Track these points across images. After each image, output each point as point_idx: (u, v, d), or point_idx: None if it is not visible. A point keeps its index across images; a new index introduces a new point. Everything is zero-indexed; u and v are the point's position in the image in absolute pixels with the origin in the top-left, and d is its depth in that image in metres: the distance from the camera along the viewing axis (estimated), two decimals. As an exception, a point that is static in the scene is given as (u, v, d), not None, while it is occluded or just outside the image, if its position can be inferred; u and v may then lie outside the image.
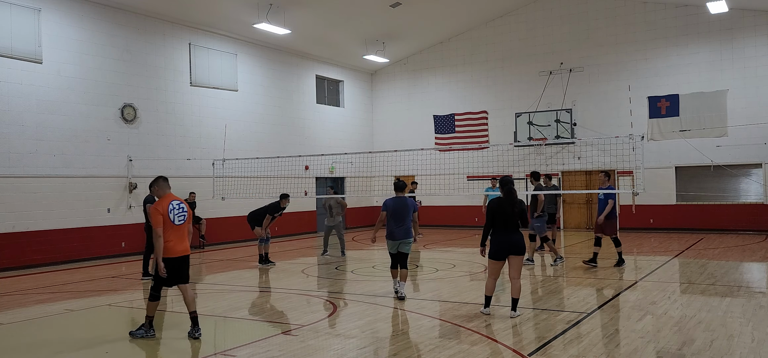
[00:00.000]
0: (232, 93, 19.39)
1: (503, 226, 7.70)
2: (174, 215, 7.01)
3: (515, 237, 7.70)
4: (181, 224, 7.07)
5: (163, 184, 7.28)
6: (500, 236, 7.71)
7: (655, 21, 20.05)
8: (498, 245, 7.72)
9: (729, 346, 6.19)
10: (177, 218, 7.03)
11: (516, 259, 7.70)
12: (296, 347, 6.57)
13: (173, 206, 7.06)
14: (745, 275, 11.32)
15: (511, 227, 7.70)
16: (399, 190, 9.26)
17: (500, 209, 7.73)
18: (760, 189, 18.65)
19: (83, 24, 15.36)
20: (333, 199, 14.90)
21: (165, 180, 7.34)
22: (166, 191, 7.24)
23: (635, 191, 16.53)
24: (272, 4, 17.51)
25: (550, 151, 21.38)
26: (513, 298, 7.73)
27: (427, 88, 24.42)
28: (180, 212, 7.08)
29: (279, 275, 12.28)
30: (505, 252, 7.70)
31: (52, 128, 14.60)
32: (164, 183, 7.29)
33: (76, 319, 8.74)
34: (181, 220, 7.07)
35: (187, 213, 7.17)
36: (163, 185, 7.27)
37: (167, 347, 7.02)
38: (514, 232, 7.72)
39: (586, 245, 16.34)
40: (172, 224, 6.98)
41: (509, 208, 7.70)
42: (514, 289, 7.74)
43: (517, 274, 7.73)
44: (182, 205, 7.17)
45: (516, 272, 7.73)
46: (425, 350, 6.34)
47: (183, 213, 7.11)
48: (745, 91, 18.70)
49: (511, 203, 7.73)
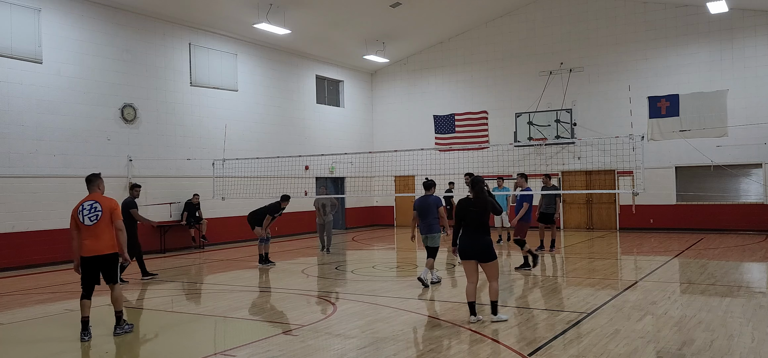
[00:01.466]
0: (232, 93, 19.39)
1: (470, 227, 7.43)
2: (83, 215, 7.02)
3: (483, 240, 7.38)
4: (92, 224, 6.98)
5: (87, 185, 7.34)
6: (466, 237, 7.45)
7: (655, 21, 20.05)
8: (464, 246, 7.45)
9: (729, 346, 6.19)
10: (87, 218, 7.01)
11: (488, 265, 7.38)
12: (296, 347, 6.57)
13: (84, 206, 7.09)
14: (745, 275, 11.32)
15: (477, 229, 7.41)
16: (426, 189, 10.23)
17: (467, 209, 7.49)
18: (760, 189, 18.65)
19: (83, 24, 15.37)
20: (327, 198, 15.88)
21: (89, 180, 7.34)
22: (88, 191, 7.27)
23: (635, 191, 16.56)
24: (272, 4, 17.51)
25: (550, 151, 21.38)
26: (491, 301, 7.43)
27: (427, 88, 24.42)
28: (91, 212, 7.02)
29: (279, 275, 12.28)
30: (471, 254, 7.40)
31: (52, 128, 14.61)
32: (87, 183, 7.34)
33: (76, 319, 8.73)
34: (92, 220, 6.98)
35: (102, 213, 7.02)
36: (87, 185, 7.34)
37: (167, 347, 7.02)
38: (482, 234, 7.41)
39: (586, 245, 16.36)
40: (82, 225, 7.01)
41: (478, 208, 7.45)
42: (491, 291, 7.43)
43: (492, 276, 7.41)
44: (95, 204, 7.07)
45: (491, 275, 7.42)
46: (425, 350, 6.34)
47: (94, 213, 7.01)
48: (745, 91, 18.70)
49: (481, 203, 7.46)
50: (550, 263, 13.16)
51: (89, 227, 7.00)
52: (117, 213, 7.14)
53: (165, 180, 17.20)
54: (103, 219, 7.03)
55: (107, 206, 7.10)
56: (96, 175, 7.41)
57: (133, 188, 12.39)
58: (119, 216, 7.18)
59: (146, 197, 16.64)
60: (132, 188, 12.44)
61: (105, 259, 7.09)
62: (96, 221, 6.99)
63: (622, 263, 13.20)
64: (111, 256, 7.11)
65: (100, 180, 7.38)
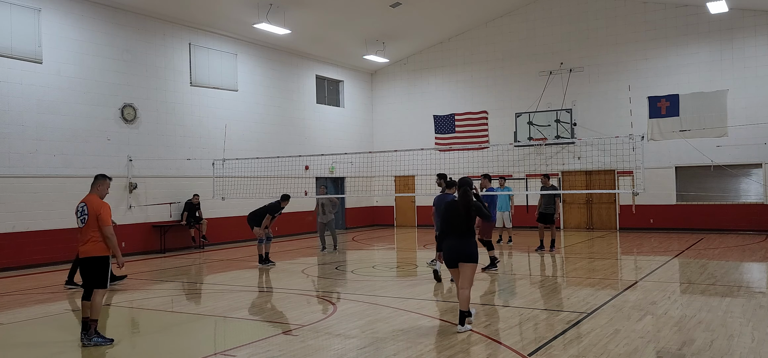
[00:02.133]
0: (232, 93, 19.39)
1: (454, 230, 7.16)
2: (77, 216, 7.05)
3: (467, 243, 7.11)
4: (81, 226, 6.98)
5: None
6: (450, 241, 7.18)
7: (655, 21, 20.05)
8: (448, 251, 7.17)
9: (729, 346, 6.19)
10: (79, 220, 7.02)
11: (466, 267, 7.08)
12: (296, 347, 6.57)
13: (78, 207, 7.07)
14: (745, 275, 11.32)
15: (461, 232, 7.12)
16: (447, 187, 10.64)
17: (451, 211, 7.23)
18: (760, 189, 18.65)
19: (83, 24, 15.36)
20: (325, 198, 15.94)
21: (93, 180, 7.31)
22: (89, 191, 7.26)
23: (635, 191, 16.55)
24: (272, 4, 17.51)
25: (550, 151, 21.38)
26: (460, 310, 7.05)
27: (427, 88, 24.42)
28: (81, 213, 7.00)
29: (279, 275, 12.28)
30: (455, 259, 7.11)
31: (52, 128, 14.61)
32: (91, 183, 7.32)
33: (76, 319, 8.75)
34: (82, 222, 6.98)
35: (88, 216, 6.94)
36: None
37: (167, 347, 7.02)
38: (466, 237, 7.12)
39: (586, 245, 16.36)
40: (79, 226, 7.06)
41: (462, 210, 7.16)
42: (461, 299, 7.05)
43: (466, 283, 7.07)
44: (85, 207, 6.99)
45: (466, 282, 7.07)
46: (425, 350, 6.34)
47: (83, 215, 6.98)
48: (745, 91, 18.70)
49: (465, 205, 7.18)
50: (550, 263, 13.16)
51: (80, 228, 7.02)
52: (102, 218, 6.91)
53: (165, 180, 17.20)
54: (89, 222, 6.93)
55: (93, 210, 6.94)
56: (100, 176, 7.29)
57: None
58: (105, 221, 6.93)
59: (146, 197, 16.66)
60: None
61: (88, 262, 6.97)
62: (83, 223, 6.96)
63: (622, 263, 13.20)
64: (93, 260, 6.94)
65: (102, 182, 7.22)
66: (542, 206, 14.71)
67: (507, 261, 13.52)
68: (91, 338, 6.82)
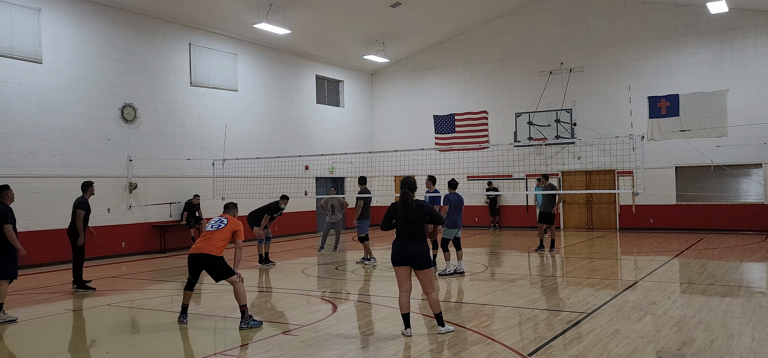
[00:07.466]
0: (232, 93, 19.39)
1: (401, 231, 6.95)
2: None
3: (415, 246, 6.86)
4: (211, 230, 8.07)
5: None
6: (397, 241, 6.98)
7: (655, 21, 20.05)
8: (395, 250, 6.98)
9: (729, 346, 6.19)
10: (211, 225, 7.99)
11: (421, 273, 6.86)
12: (296, 347, 6.56)
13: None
14: (745, 275, 11.32)
15: (408, 234, 6.87)
16: (452, 187, 11.61)
17: (396, 213, 7.03)
18: (760, 189, 18.65)
19: (83, 24, 15.36)
20: (335, 198, 15.80)
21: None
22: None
23: (635, 191, 16.54)
24: (272, 4, 17.50)
25: (550, 151, 21.38)
26: (434, 313, 6.95)
27: (427, 88, 24.42)
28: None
29: (279, 275, 12.28)
30: (402, 260, 6.90)
31: (52, 128, 14.60)
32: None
33: (76, 319, 8.75)
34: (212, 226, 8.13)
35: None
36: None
37: (167, 347, 7.02)
38: (413, 240, 6.88)
39: (586, 245, 16.35)
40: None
41: (403, 214, 6.93)
42: (431, 304, 6.92)
43: (428, 288, 6.89)
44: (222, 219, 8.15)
45: (427, 287, 6.89)
46: (425, 350, 6.34)
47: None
48: (745, 91, 18.69)
49: (404, 208, 6.93)
50: (551, 263, 13.16)
51: (208, 232, 8.09)
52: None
53: (165, 180, 17.19)
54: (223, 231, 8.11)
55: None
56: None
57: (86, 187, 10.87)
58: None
59: (146, 197, 16.65)
60: (85, 187, 10.87)
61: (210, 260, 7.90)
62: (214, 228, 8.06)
63: (622, 263, 13.19)
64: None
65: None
66: (542, 205, 14.70)
67: (507, 261, 13.51)
68: (248, 322, 7.41)
